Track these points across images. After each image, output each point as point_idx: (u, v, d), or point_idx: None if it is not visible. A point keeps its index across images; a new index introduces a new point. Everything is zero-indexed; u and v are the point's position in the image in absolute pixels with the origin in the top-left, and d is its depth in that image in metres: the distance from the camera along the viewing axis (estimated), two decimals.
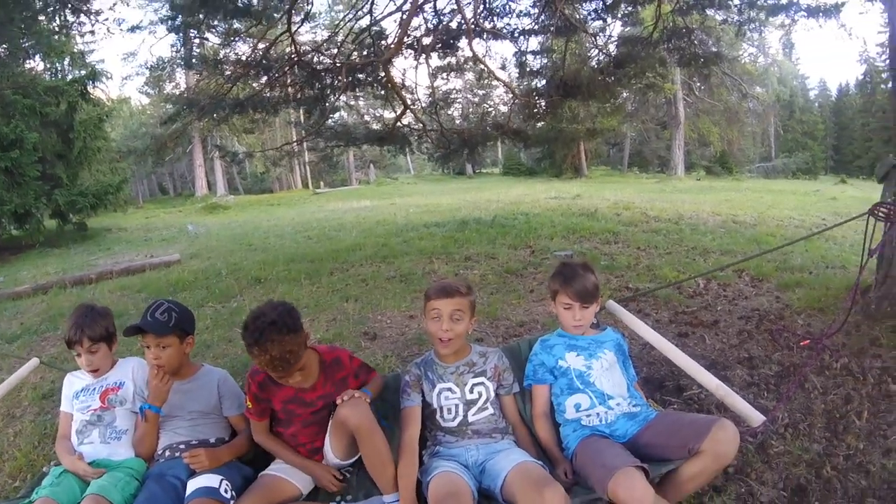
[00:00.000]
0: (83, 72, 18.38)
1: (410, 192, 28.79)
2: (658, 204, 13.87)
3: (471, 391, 2.52)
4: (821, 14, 9.20)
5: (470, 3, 8.40)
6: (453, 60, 10.04)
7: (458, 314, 2.45)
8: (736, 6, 9.42)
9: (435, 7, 8.66)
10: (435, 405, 2.51)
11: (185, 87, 30.41)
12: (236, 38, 9.37)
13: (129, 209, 24.27)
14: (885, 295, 4.26)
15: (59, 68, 19.63)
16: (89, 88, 17.68)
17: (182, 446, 2.54)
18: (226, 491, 2.28)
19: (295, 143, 10.84)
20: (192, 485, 2.29)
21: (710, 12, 9.79)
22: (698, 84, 34.92)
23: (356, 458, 2.51)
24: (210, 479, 2.29)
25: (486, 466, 2.31)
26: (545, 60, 10.89)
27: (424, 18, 8.64)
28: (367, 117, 28.44)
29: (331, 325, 5.39)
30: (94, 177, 19.03)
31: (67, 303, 7.35)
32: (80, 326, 2.61)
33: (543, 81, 10.19)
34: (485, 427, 2.48)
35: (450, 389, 2.51)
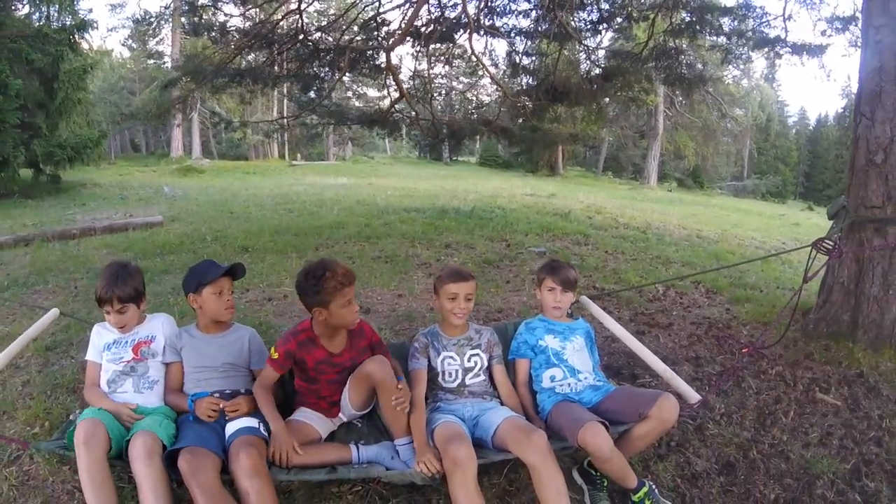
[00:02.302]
0: (70, 20, 17.94)
1: (387, 174, 28.88)
2: (628, 211, 14.36)
3: (468, 360, 2.99)
4: (805, 52, 9.64)
5: (458, 5, 8.62)
6: (448, 49, 10.28)
7: (470, 295, 2.95)
8: (725, 34, 9.85)
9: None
10: (439, 369, 2.96)
11: (172, 47, 29.98)
12: (248, 8, 9.47)
13: (101, 164, 23.97)
14: (823, 317, 4.81)
15: (47, 14, 19.14)
16: (76, 38, 17.42)
17: (216, 394, 2.74)
18: (263, 430, 2.57)
19: (288, 118, 10.98)
20: (233, 425, 2.56)
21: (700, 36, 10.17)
22: (680, 99, 35.50)
23: (369, 409, 2.94)
24: (249, 421, 2.58)
25: (479, 421, 2.77)
26: (538, 63, 11.18)
27: (428, 9, 8.85)
28: (349, 94, 28.35)
29: None
30: (71, 129, 18.45)
31: (52, 256, 7.44)
32: (111, 287, 2.75)
33: (534, 83, 10.47)
34: (478, 389, 2.96)
35: (452, 357, 2.98)
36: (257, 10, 9.66)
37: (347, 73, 10.10)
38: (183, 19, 9.54)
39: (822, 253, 3.93)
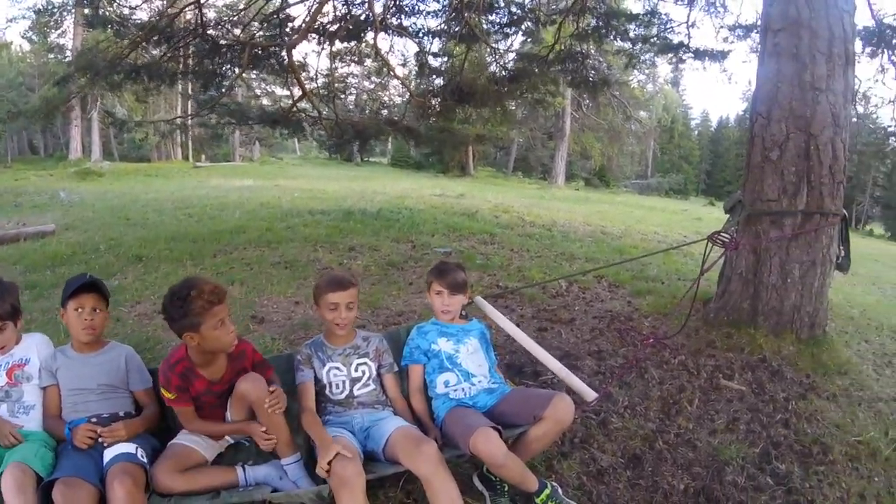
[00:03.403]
0: None
1: (295, 175, 28.32)
2: (535, 210, 14.54)
3: (356, 370, 2.90)
4: (707, 58, 10.11)
5: (365, 2, 8.54)
6: (355, 48, 10.19)
7: (351, 304, 2.85)
8: (630, 39, 10.16)
9: None
10: (325, 381, 2.86)
11: (73, 40, 28.30)
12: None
13: None
14: (723, 307, 5.05)
15: None
16: None
17: (94, 419, 2.59)
18: (142, 456, 2.43)
19: (188, 118, 10.59)
20: (110, 452, 2.42)
21: (606, 41, 10.42)
22: (587, 101, 36.43)
23: None
24: (126, 447, 2.43)
25: (371, 432, 2.69)
26: (445, 63, 11.23)
27: (333, 6, 8.71)
28: (258, 93, 27.65)
29: None
30: None
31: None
32: None
33: (441, 83, 10.50)
34: (368, 399, 2.87)
35: (338, 368, 2.87)
36: (162, 2, 9.18)
37: (251, 71, 9.83)
38: (87, 11, 8.99)
39: (718, 245, 4.23)
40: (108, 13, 8.52)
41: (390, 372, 3.00)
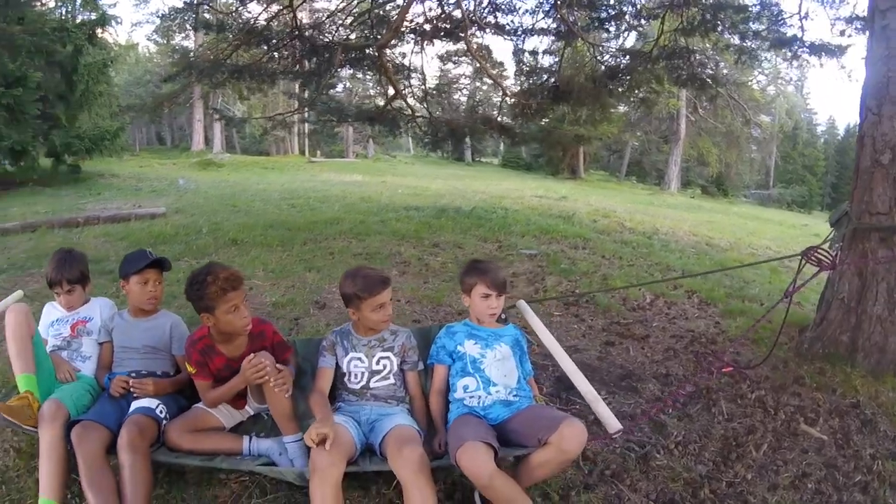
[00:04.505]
0: (93, 15, 18.47)
1: (404, 173, 28.81)
2: (638, 216, 13.99)
3: (377, 363, 2.88)
4: (824, 53, 9.29)
5: (462, 1, 8.52)
6: (456, 49, 10.25)
7: (389, 301, 2.85)
8: (739, 32, 9.57)
9: None
10: (345, 369, 2.87)
11: (195, 42, 30.23)
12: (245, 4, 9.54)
13: (124, 156, 24.37)
14: (819, 337, 4.40)
15: (70, 9, 19.64)
16: (97, 32, 17.78)
17: (133, 374, 2.93)
18: (161, 412, 2.71)
19: (287, 115, 11.06)
20: (135, 404, 2.73)
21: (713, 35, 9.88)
22: (705, 103, 34.90)
23: None
24: (150, 402, 2.73)
25: (375, 426, 2.68)
26: (544, 63, 11.05)
27: (430, 6, 8.81)
28: (372, 92, 28.30)
29: (288, 290, 5.74)
30: (94, 121, 19.06)
31: (53, 243, 7.54)
32: (59, 270, 3.10)
33: (538, 82, 10.34)
34: (383, 393, 2.85)
35: (359, 359, 2.87)
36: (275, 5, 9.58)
37: (347, 70, 10.10)
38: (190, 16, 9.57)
39: (813, 264, 3.50)
40: (209, 18, 9.00)
41: (414, 369, 2.96)
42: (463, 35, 8.81)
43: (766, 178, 53.50)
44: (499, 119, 9.75)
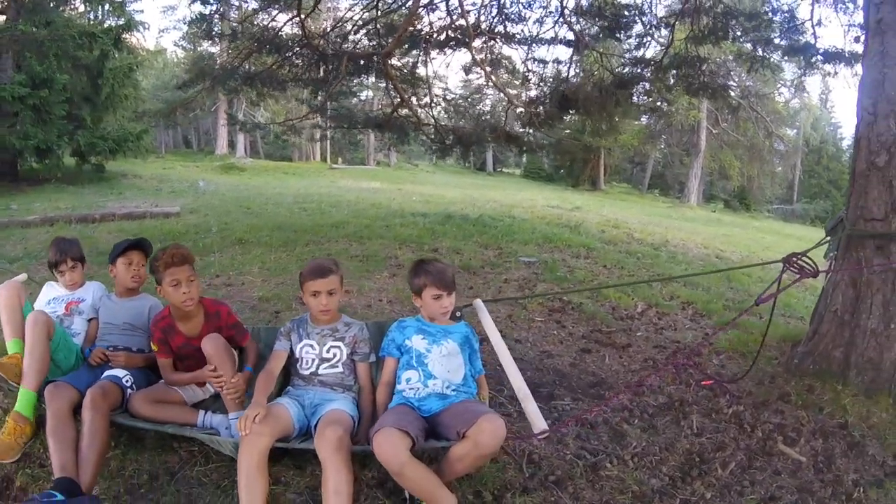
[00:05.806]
0: (120, 20, 18.98)
1: (424, 181, 29.05)
2: (650, 228, 13.87)
3: (327, 351, 3.03)
4: (838, 60, 8.95)
5: (471, 11, 8.63)
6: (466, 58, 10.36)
7: (332, 291, 2.97)
8: (751, 40, 9.44)
9: (447, 5, 8.90)
10: (297, 355, 3.04)
11: (220, 49, 30.86)
12: (257, 13, 9.80)
13: (149, 157, 24.92)
14: (811, 351, 4.16)
15: (98, 15, 20.22)
16: (124, 37, 18.27)
17: (111, 348, 3.27)
18: (127, 381, 2.99)
19: (297, 121, 11.31)
20: (106, 373, 3.03)
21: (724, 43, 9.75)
22: (727, 115, 34.46)
23: None
24: (119, 372, 3.03)
25: (317, 409, 2.83)
26: (552, 71, 11.06)
27: (438, 16, 8.95)
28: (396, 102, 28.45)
29: (277, 286, 5.97)
30: (119, 122, 19.70)
31: (68, 236, 7.82)
32: (62, 250, 3.50)
33: (546, 91, 10.34)
34: (330, 380, 3.00)
35: (311, 346, 3.03)
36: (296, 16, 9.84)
37: (355, 78, 10.28)
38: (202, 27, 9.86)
39: (793, 271, 3.29)
40: (219, 29, 9.33)
41: (364, 361, 3.09)
42: (476, 43, 8.91)
43: (790, 193, 52.68)
44: (505, 128, 9.81)
